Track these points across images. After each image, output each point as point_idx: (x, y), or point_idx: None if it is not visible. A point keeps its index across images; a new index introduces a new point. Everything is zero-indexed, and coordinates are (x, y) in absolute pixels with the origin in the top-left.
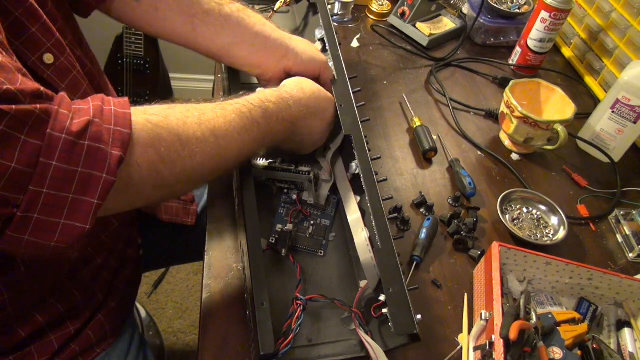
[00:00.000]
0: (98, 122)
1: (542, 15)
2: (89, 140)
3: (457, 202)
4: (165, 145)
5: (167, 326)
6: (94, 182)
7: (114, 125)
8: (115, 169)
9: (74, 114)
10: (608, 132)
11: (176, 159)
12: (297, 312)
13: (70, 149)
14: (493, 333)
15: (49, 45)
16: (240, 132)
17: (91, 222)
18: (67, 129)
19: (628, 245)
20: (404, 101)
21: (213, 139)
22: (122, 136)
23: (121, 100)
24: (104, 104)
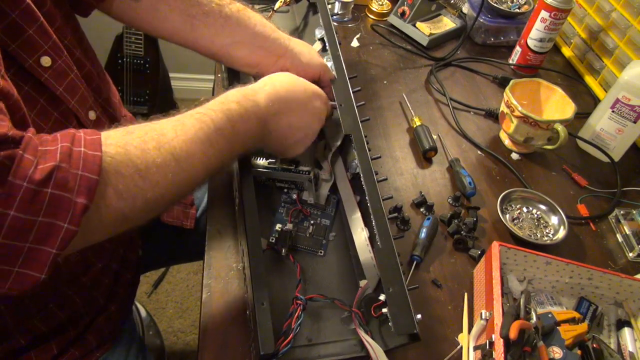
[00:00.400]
0: (65, 167)
1: (542, 15)
2: (52, 188)
3: (457, 201)
4: (124, 182)
5: (167, 326)
6: (54, 231)
7: (81, 170)
8: (79, 219)
9: (40, 158)
10: (608, 131)
11: (136, 193)
12: (297, 311)
13: (31, 198)
14: (493, 333)
15: (46, 48)
16: (204, 147)
17: (47, 272)
18: (29, 176)
19: (628, 244)
20: (404, 101)
21: (174, 163)
22: (89, 183)
23: (94, 138)
24: (74, 144)
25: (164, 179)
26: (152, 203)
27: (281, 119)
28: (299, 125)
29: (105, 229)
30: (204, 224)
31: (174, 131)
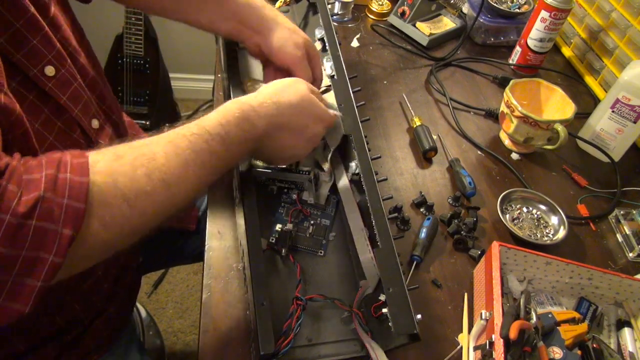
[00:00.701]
0: (49, 196)
1: (542, 15)
2: (37, 220)
3: (457, 201)
4: (111, 212)
5: (167, 326)
6: (39, 264)
7: (67, 198)
8: (65, 250)
9: (24, 189)
10: (608, 131)
11: (123, 223)
12: (297, 312)
13: (15, 232)
14: (493, 333)
15: (50, 57)
16: (196, 170)
17: (33, 304)
18: (13, 209)
19: (628, 244)
20: (404, 101)
21: (165, 190)
22: (75, 213)
23: (81, 162)
24: (59, 171)
25: (153, 206)
26: (139, 229)
27: (276, 141)
28: (292, 145)
29: (91, 257)
30: (204, 225)
31: (166, 156)
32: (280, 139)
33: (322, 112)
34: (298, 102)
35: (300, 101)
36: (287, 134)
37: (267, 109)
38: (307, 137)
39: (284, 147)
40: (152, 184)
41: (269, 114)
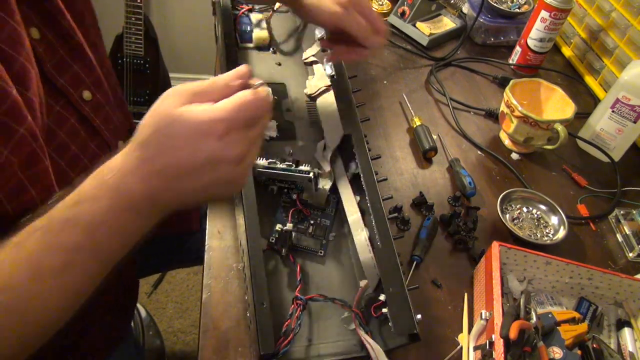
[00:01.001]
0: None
1: (542, 15)
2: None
3: (457, 201)
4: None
5: (167, 326)
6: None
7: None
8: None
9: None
10: (608, 131)
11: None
12: (297, 312)
13: None
14: (493, 333)
15: (89, 83)
16: (54, 279)
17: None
18: None
19: (628, 245)
20: (404, 101)
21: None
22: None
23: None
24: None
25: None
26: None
27: (173, 194)
28: (204, 194)
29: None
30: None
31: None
32: (177, 192)
33: (213, 150)
34: (153, 133)
35: (156, 130)
36: (173, 174)
37: (135, 162)
38: (211, 182)
39: (186, 196)
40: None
41: (140, 169)
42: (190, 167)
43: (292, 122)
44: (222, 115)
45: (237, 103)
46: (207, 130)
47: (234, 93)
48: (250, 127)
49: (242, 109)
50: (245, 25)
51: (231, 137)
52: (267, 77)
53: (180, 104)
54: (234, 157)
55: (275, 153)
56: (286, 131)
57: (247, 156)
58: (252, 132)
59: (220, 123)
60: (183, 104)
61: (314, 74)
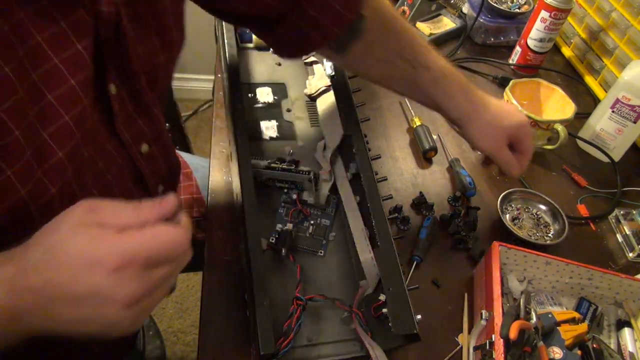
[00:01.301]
0: None
1: (542, 15)
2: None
3: (457, 201)
4: None
5: (167, 326)
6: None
7: None
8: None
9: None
10: (608, 131)
11: None
12: (297, 312)
13: None
14: (493, 333)
15: (149, 137)
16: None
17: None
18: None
19: (628, 245)
20: (404, 101)
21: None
22: None
23: None
24: None
25: None
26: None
27: (44, 318)
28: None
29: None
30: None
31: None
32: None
33: (96, 248)
34: (41, 244)
35: (45, 242)
36: (48, 297)
37: (3, 269)
38: (87, 295)
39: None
40: None
41: (5, 276)
42: (67, 295)
43: (292, 122)
44: (120, 247)
45: (143, 238)
46: (97, 260)
47: (150, 223)
48: (154, 268)
49: (147, 246)
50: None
51: (124, 274)
52: (267, 77)
53: (84, 221)
54: (122, 298)
55: (275, 153)
56: (286, 131)
57: (141, 301)
58: (156, 273)
59: (115, 256)
60: (87, 223)
61: (314, 74)
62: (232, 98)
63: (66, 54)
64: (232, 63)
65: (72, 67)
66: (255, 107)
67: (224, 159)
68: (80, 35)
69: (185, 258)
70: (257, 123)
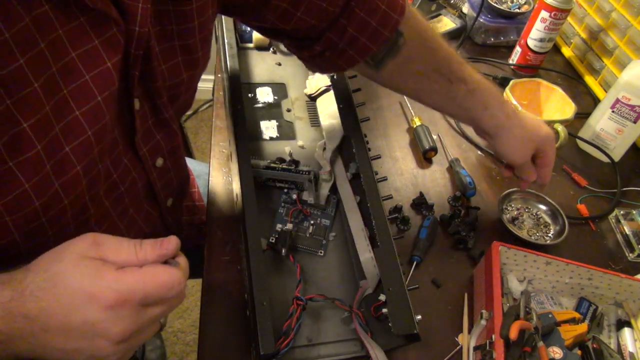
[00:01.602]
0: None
1: (542, 15)
2: None
3: (457, 201)
4: None
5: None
6: None
7: None
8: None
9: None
10: (608, 131)
11: None
12: (297, 312)
13: None
14: (493, 333)
15: (165, 151)
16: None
17: None
18: None
19: (628, 245)
20: (404, 101)
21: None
22: None
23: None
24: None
25: None
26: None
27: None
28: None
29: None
30: None
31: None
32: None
33: (95, 283)
34: (41, 273)
35: (45, 271)
36: (41, 325)
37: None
38: (80, 327)
39: (59, 351)
40: None
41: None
42: (62, 325)
43: (292, 122)
44: (118, 285)
45: (141, 277)
46: (94, 294)
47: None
48: (148, 307)
49: (144, 285)
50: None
51: (120, 312)
52: (267, 77)
53: (87, 255)
54: (115, 334)
55: (275, 153)
56: (286, 131)
57: (132, 337)
58: (150, 312)
59: (112, 292)
60: (90, 256)
61: (314, 74)
62: (232, 98)
63: (97, 70)
64: (232, 63)
65: (101, 84)
66: (255, 107)
67: (224, 159)
68: (112, 53)
69: (180, 299)
70: (257, 123)
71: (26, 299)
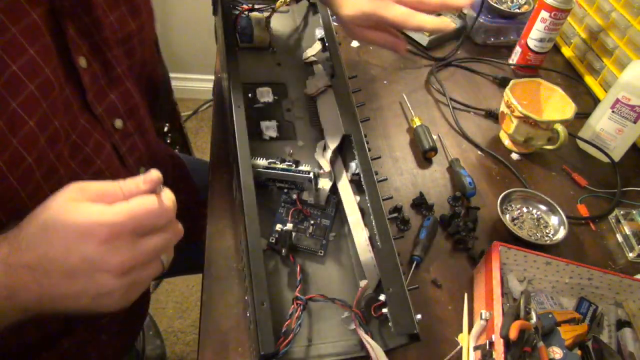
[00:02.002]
0: None
1: (542, 15)
2: None
3: (457, 201)
4: None
5: (167, 326)
6: None
7: None
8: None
9: None
10: (608, 131)
11: None
12: (297, 312)
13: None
14: (493, 333)
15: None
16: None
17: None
18: None
19: (628, 245)
20: (404, 101)
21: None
22: None
23: None
24: None
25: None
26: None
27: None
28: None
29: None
30: None
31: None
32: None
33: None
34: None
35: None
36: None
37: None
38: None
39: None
40: None
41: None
42: (62, 267)
43: (292, 122)
44: (108, 218)
45: (130, 208)
46: (87, 231)
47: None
48: (143, 237)
49: (134, 214)
50: (246, 25)
51: (115, 244)
52: (267, 77)
53: (74, 198)
54: (114, 266)
55: (275, 153)
56: (286, 131)
57: (134, 269)
58: (145, 243)
59: (104, 227)
60: (77, 199)
61: (314, 74)
62: (232, 98)
63: (22, 23)
64: (232, 63)
65: (30, 37)
66: (255, 107)
67: (224, 159)
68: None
69: (175, 233)
70: (257, 123)
71: (23, 250)
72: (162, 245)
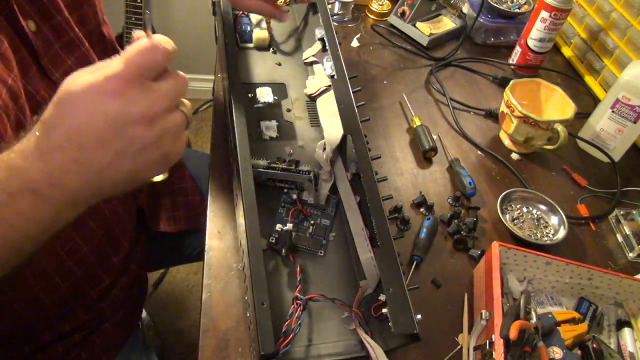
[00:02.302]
0: None
1: (542, 15)
2: None
3: (457, 201)
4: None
5: (167, 326)
6: None
7: None
8: None
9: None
10: (608, 131)
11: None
12: (297, 312)
13: None
14: (493, 333)
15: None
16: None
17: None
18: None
19: (628, 245)
20: (404, 101)
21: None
22: None
23: None
24: None
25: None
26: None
27: (82, 172)
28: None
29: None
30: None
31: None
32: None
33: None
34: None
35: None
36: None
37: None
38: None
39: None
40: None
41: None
42: (91, 133)
43: (292, 122)
44: (112, 70)
45: (125, 55)
46: (100, 89)
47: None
48: (153, 81)
49: (131, 57)
50: (245, 25)
51: (130, 92)
52: (267, 77)
53: (78, 74)
54: (139, 115)
55: (275, 153)
56: (286, 131)
57: (157, 116)
58: (158, 86)
59: (113, 79)
60: (80, 74)
61: (314, 74)
62: (232, 98)
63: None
64: (232, 63)
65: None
66: (255, 107)
67: (224, 159)
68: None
69: (177, 75)
70: (257, 123)
71: (50, 134)
72: (173, 89)
